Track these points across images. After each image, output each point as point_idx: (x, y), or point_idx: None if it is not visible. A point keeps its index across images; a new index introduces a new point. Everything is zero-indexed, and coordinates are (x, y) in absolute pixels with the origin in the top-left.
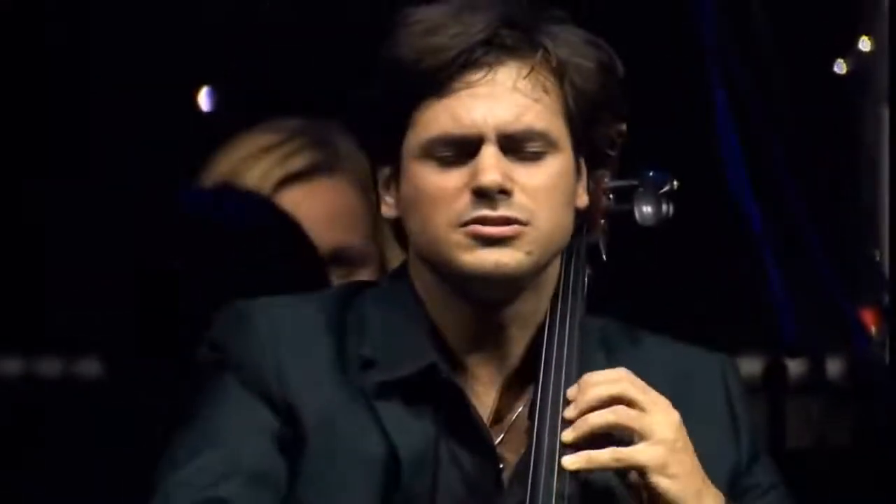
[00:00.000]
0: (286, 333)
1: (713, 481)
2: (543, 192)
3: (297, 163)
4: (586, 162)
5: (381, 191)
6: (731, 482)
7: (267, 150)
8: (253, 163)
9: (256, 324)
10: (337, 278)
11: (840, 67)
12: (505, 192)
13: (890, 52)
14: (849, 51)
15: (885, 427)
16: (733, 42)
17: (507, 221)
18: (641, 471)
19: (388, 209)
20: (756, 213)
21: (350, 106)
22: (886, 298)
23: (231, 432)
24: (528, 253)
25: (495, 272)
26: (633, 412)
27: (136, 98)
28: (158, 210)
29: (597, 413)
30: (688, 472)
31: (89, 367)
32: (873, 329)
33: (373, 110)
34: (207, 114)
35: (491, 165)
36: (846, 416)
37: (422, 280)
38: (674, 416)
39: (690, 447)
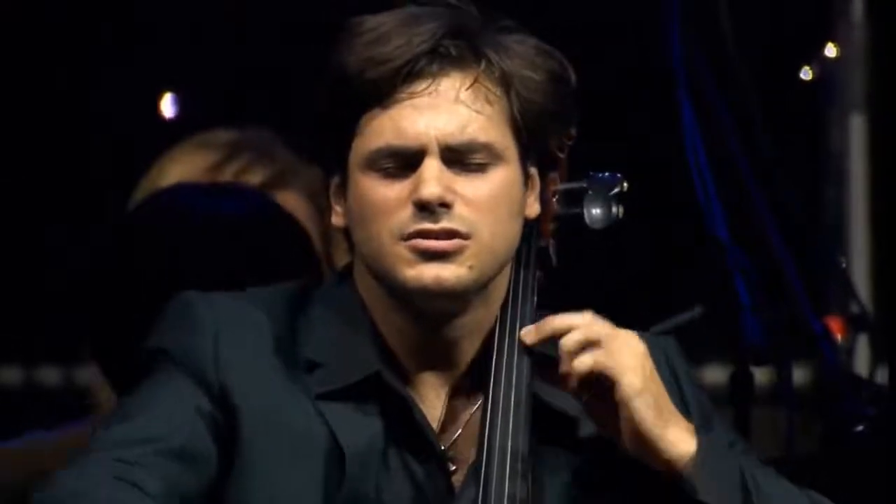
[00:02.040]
0: (228, 325)
1: None
2: (486, 205)
3: (253, 179)
4: (539, 170)
5: (333, 200)
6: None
7: (216, 168)
8: (205, 179)
9: (198, 312)
10: None
11: (806, 74)
12: (446, 205)
13: (863, 61)
14: (815, 57)
15: (852, 435)
16: (699, 49)
17: (448, 234)
18: (616, 391)
19: (337, 218)
20: (722, 221)
21: (300, 113)
22: (853, 306)
23: (161, 408)
24: (470, 267)
25: (436, 287)
26: (607, 331)
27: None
28: (150, 209)
29: (566, 324)
30: (659, 396)
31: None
32: (839, 337)
33: (321, 119)
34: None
35: (432, 178)
36: (813, 425)
37: (367, 288)
38: (640, 346)
39: (657, 375)
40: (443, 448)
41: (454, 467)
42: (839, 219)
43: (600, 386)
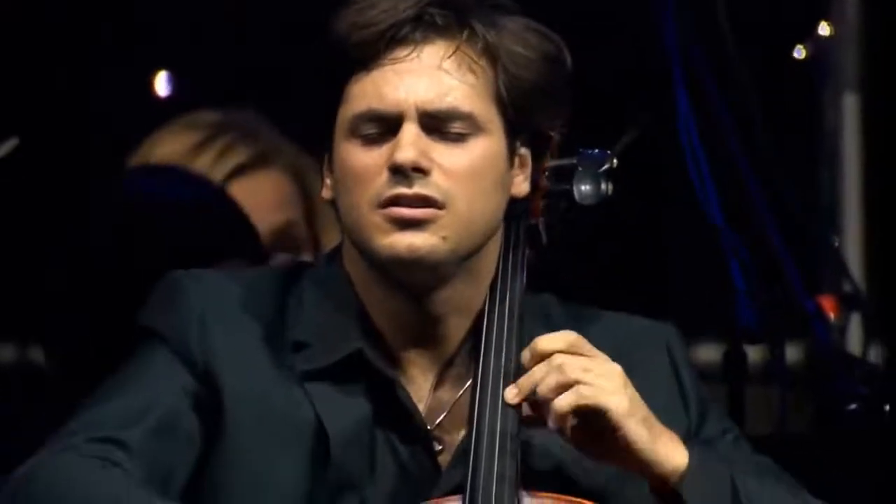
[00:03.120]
0: (214, 304)
1: None
2: (464, 175)
3: (235, 159)
4: (532, 150)
5: (324, 173)
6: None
7: (200, 147)
8: (189, 160)
9: (186, 291)
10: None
11: (800, 53)
12: (421, 171)
13: (857, 40)
14: (808, 36)
15: (844, 413)
16: (693, 29)
17: (422, 201)
18: (606, 418)
19: (326, 191)
20: (716, 202)
21: (294, 82)
22: (846, 286)
23: (145, 384)
24: (444, 238)
25: (408, 255)
26: (580, 365)
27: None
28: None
29: (543, 371)
30: (646, 414)
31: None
32: (832, 316)
33: (312, 84)
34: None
35: (408, 143)
36: (805, 402)
37: (353, 264)
38: (616, 366)
39: (637, 394)
40: (429, 428)
41: (440, 447)
42: (833, 198)
43: (584, 416)
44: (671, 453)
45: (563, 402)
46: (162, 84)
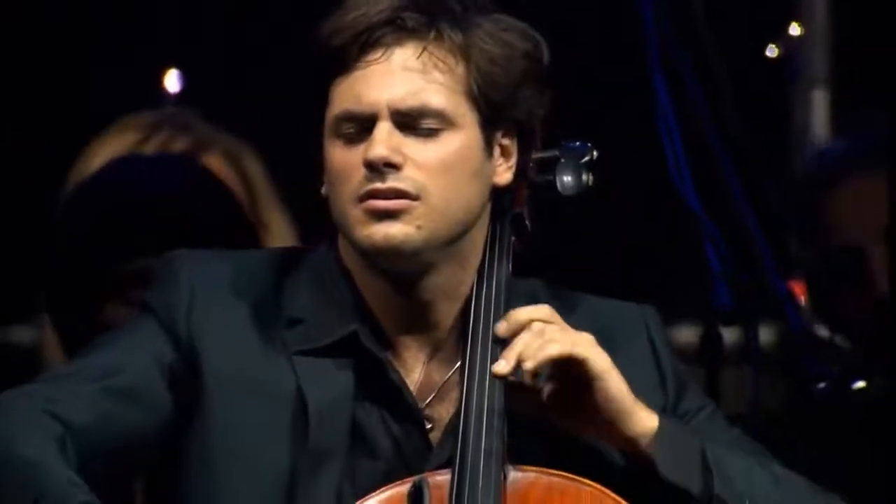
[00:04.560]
0: (206, 282)
1: None
2: (436, 168)
3: (175, 149)
4: (518, 141)
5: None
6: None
7: (142, 143)
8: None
9: (179, 269)
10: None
11: (772, 51)
12: (393, 166)
13: (826, 39)
14: (780, 36)
15: (814, 391)
16: (672, 27)
17: (396, 194)
18: (587, 368)
19: (323, 189)
20: (693, 190)
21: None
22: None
23: (120, 350)
24: (419, 227)
25: (385, 245)
26: (558, 329)
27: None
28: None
29: (525, 338)
30: (623, 380)
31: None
32: (802, 299)
33: (308, 86)
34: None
35: (380, 140)
36: (778, 383)
37: (347, 253)
38: (592, 338)
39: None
40: (420, 407)
41: (430, 425)
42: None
43: (566, 371)
44: (644, 415)
45: (548, 350)
46: (172, 81)
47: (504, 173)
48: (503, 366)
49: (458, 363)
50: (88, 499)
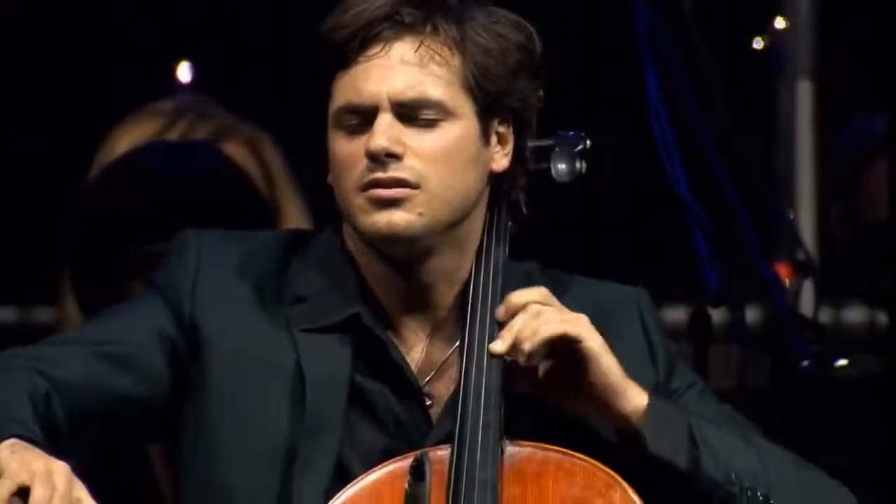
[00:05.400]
0: (211, 259)
1: None
2: (436, 157)
3: (196, 137)
4: (513, 129)
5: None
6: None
7: (163, 131)
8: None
9: (188, 247)
10: None
11: (758, 44)
12: (394, 156)
13: (809, 33)
14: (765, 29)
15: (797, 368)
16: (664, 22)
17: (397, 183)
18: (581, 348)
19: (330, 177)
20: (683, 178)
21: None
22: (799, 254)
23: (122, 320)
24: (420, 214)
25: (388, 232)
26: (555, 310)
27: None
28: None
29: (522, 319)
30: (616, 360)
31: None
32: (787, 281)
33: (311, 80)
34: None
35: (381, 131)
36: (763, 360)
37: (350, 238)
38: (587, 319)
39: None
40: (421, 385)
41: (430, 402)
42: (788, 176)
43: (561, 349)
44: (635, 393)
45: (543, 331)
46: (184, 72)
47: (501, 160)
48: (500, 345)
49: (458, 342)
50: (23, 432)
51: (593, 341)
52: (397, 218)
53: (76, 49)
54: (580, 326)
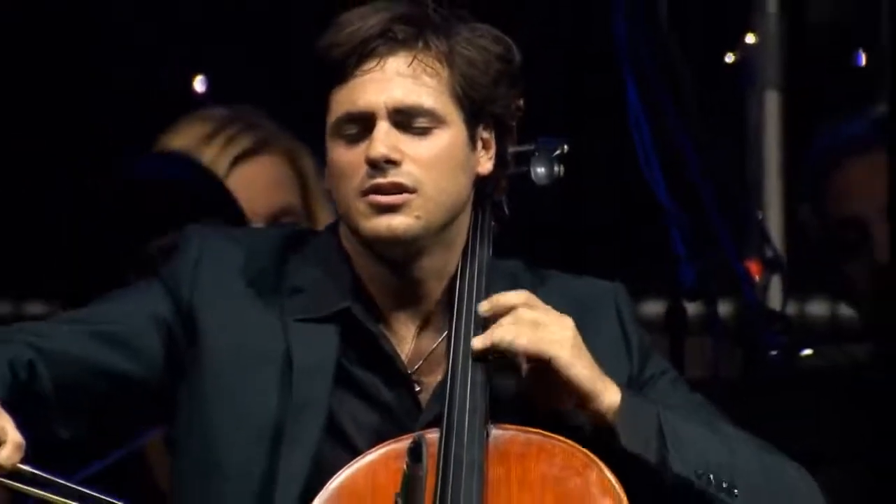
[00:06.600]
0: (211, 252)
1: None
2: (430, 162)
3: (238, 147)
4: (495, 134)
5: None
6: (629, 388)
7: (209, 137)
8: (200, 149)
9: (189, 241)
10: None
11: (729, 58)
12: (393, 162)
13: (779, 46)
14: (737, 44)
15: (767, 359)
16: (642, 37)
17: (396, 188)
18: (553, 363)
19: (327, 182)
20: (661, 181)
21: (301, 93)
22: (769, 251)
23: (120, 302)
24: (417, 217)
25: (388, 235)
26: (535, 317)
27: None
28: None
29: (504, 323)
30: (591, 364)
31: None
32: (757, 277)
33: (314, 97)
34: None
35: (380, 139)
36: (735, 351)
37: (346, 238)
38: (568, 320)
39: (585, 347)
40: (410, 372)
41: (419, 388)
42: (757, 179)
43: (537, 359)
44: (608, 392)
45: (517, 344)
46: (199, 84)
47: (486, 163)
48: (478, 344)
49: (445, 333)
50: None
51: (564, 357)
52: (397, 222)
53: (76, 49)
54: (552, 345)
